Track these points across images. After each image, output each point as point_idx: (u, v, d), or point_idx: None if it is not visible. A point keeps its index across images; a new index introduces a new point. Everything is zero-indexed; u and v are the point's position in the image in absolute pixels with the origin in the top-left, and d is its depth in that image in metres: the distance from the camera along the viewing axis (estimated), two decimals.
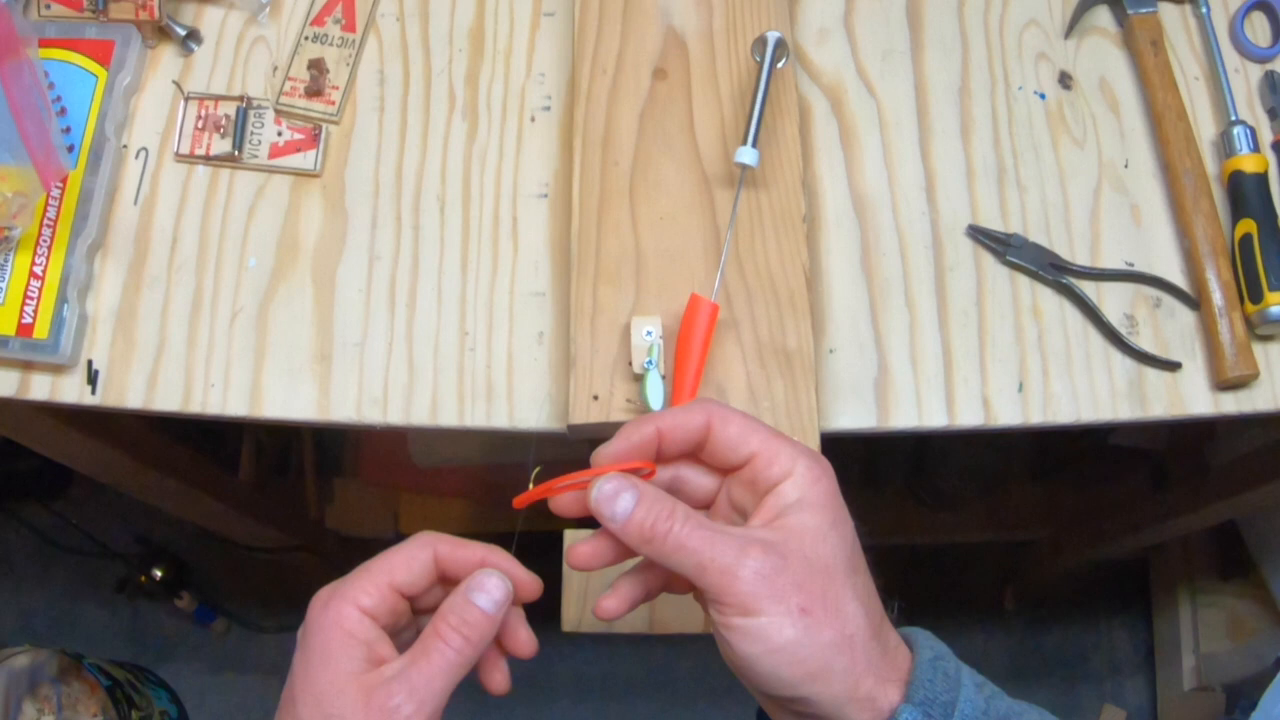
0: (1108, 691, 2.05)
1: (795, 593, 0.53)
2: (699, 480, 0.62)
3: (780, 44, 0.83)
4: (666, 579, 0.62)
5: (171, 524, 2.08)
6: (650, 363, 0.75)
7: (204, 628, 2.05)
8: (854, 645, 0.53)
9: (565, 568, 0.75)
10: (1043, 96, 0.94)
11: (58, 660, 1.82)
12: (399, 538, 0.61)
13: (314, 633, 0.57)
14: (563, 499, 0.60)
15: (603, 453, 0.59)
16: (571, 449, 0.78)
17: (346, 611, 0.57)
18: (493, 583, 0.58)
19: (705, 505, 0.62)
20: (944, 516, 1.95)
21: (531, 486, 0.61)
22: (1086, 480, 1.98)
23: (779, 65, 0.84)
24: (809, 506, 0.55)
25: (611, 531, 0.57)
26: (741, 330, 0.79)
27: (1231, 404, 0.85)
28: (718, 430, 0.58)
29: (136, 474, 1.29)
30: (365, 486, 1.91)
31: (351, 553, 1.99)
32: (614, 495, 0.56)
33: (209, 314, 0.86)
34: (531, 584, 0.61)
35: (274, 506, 1.76)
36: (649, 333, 0.77)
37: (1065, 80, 0.95)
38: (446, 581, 0.61)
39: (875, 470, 1.95)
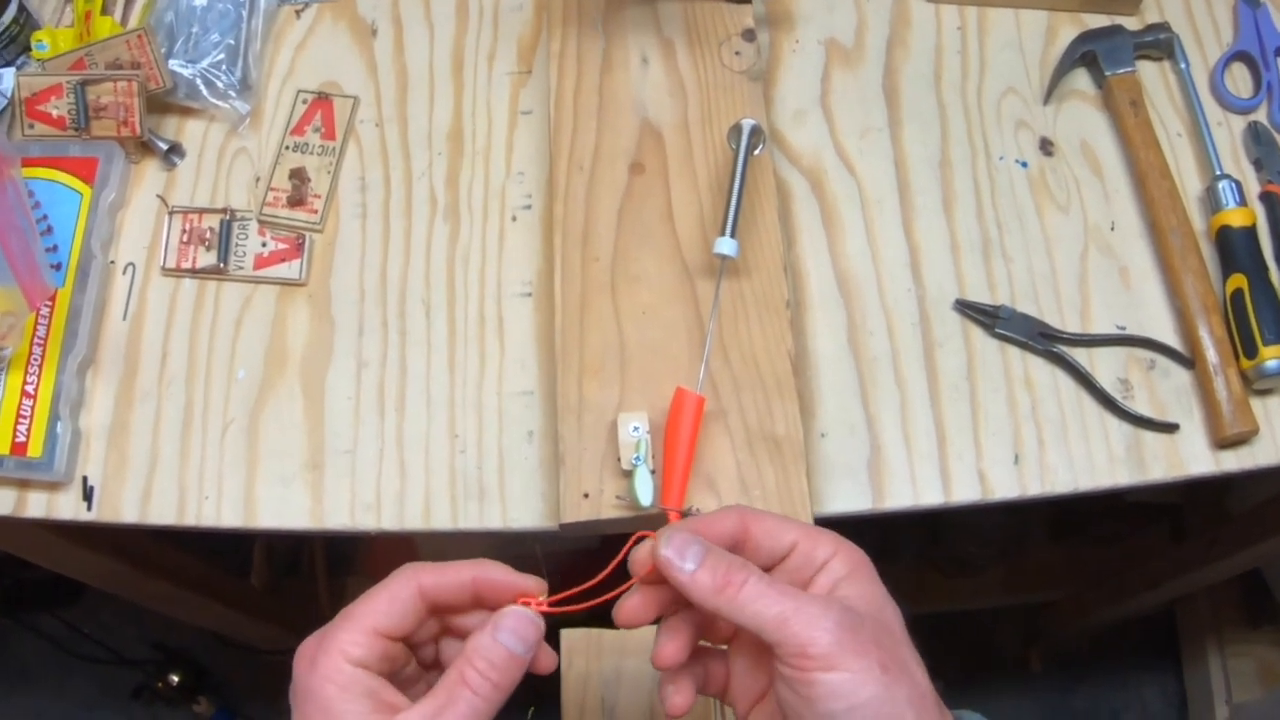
0: None
1: (876, 650, 0.51)
2: None
3: (755, 131, 0.83)
4: (700, 634, 0.59)
5: (187, 629, 2.06)
6: (638, 459, 0.74)
7: None
8: (926, 705, 0.51)
9: (563, 669, 0.74)
10: (1024, 165, 0.94)
11: None
12: None
13: (307, 696, 0.53)
14: (629, 604, 0.57)
15: (637, 558, 0.56)
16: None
17: (338, 666, 0.53)
18: (523, 623, 0.55)
19: None
20: (964, 582, 1.92)
21: (543, 598, 0.57)
22: (1106, 538, 1.96)
23: (755, 152, 0.84)
24: (863, 579, 0.54)
25: (679, 583, 0.53)
26: (730, 419, 0.78)
27: (1233, 461, 0.84)
28: (755, 526, 0.56)
29: (144, 584, 1.29)
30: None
31: None
32: (684, 546, 0.53)
33: (200, 426, 0.86)
34: (538, 590, 0.58)
35: (287, 608, 1.75)
36: (636, 428, 0.76)
37: (1046, 146, 0.95)
38: (439, 612, 0.58)
39: (891, 540, 1.93)
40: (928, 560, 1.93)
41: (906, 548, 1.93)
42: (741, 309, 0.82)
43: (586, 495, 0.76)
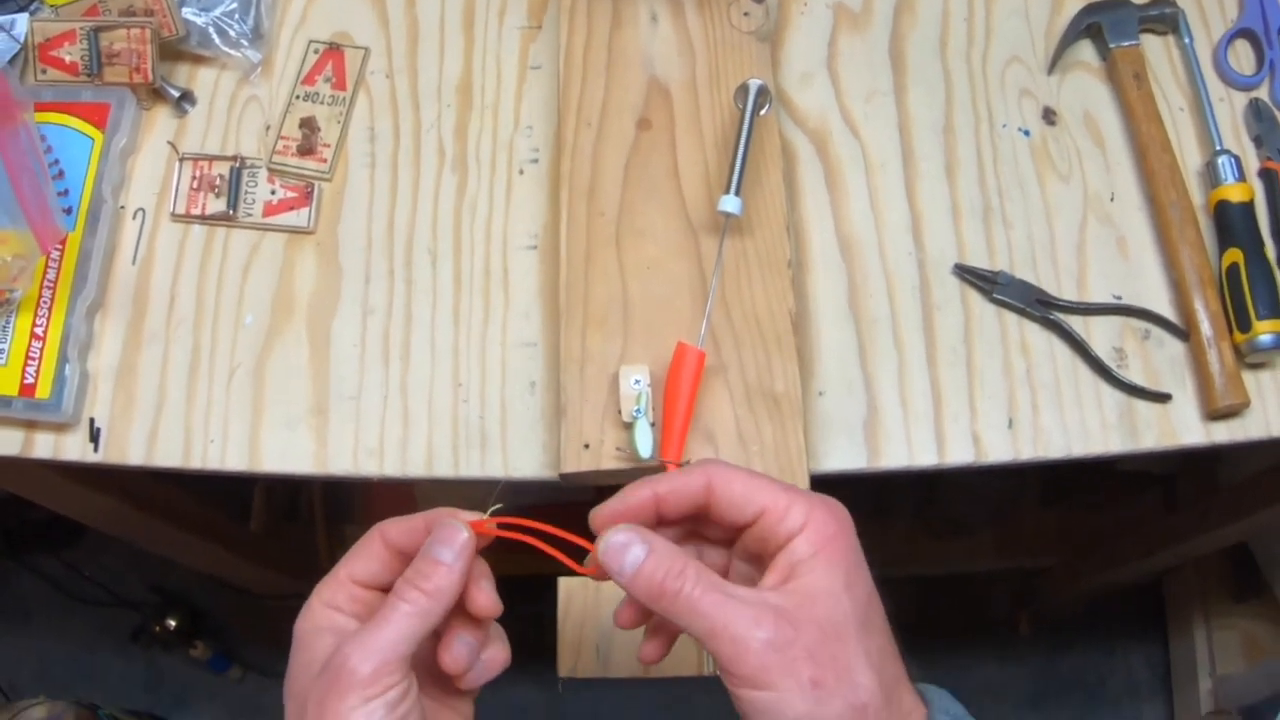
0: (1126, 716, 2.04)
1: (807, 664, 0.50)
2: (710, 551, 0.61)
3: (762, 91, 0.84)
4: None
5: (186, 573, 2.08)
6: (639, 411, 0.76)
7: (219, 675, 2.05)
8: (865, 716, 0.51)
9: (559, 616, 0.76)
10: (1027, 133, 0.94)
11: (73, 712, 1.82)
12: None
13: (293, 639, 0.57)
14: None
15: (599, 514, 0.57)
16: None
17: (312, 607, 0.57)
18: (448, 532, 0.56)
19: (720, 567, 0.60)
20: (956, 545, 1.94)
21: (486, 516, 0.58)
22: (1098, 505, 1.98)
23: (762, 112, 0.85)
24: (822, 564, 0.53)
25: (621, 586, 0.55)
26: (729, 375, 0.80)
27: (1224, 433, 0.86)
28: (721, 490, 0.55)
29: (145, 526, 1.31)
30: None
31: None
32: (624, 547, 0.54)
33: (207, 370, 0.87)
34: (488, 522, 0.59)
35: (285, 554, 1.77)
36: (637, 381, 0.77)
37: (1049, 116, 0.95)
38: (406, 558, 0.59)
39: (886, 501, 1.95)
40: (921, 521, 1.94)
41: (901, 507, 1.95)
42: (744, 267, 0.83)
43: (587, 446, 0.78)
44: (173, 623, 1.98)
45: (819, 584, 0.53)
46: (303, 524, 1.95)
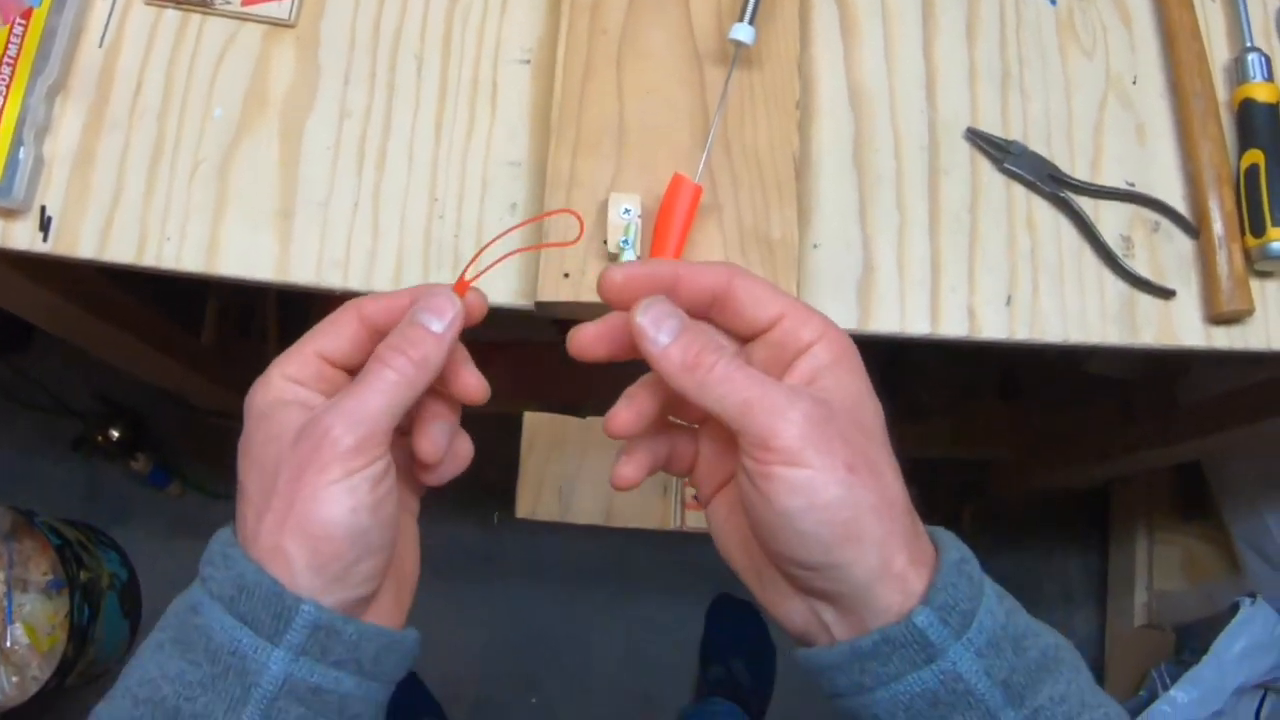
0: (1057, 619, 2.06)
1: (843, 448, 0.48)
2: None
3: None
4: (666, 409, 0.57)
5: (131, 385, 2.04)
6: (626, 242, 0.72)
7: (159, 491, 2.03)
8: (894, 513, 0.49)
9: (522, 452, 0.72)
10: (1053, 2, 0.90)
11: (9, 517, 1.80)
12: None
13: (246, 411, 0.53)
14: (587, 331, 0.54)
15: (612, 274, 0.53)
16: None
17: (272, 381, 0.53)
18: (439, 300, 0.53)
19: None
20: (910, 429, 1.93)
21: (465, 278, 0.55)
22: (1056, 404, 1.98)
23: None
24: (845, 370, 0.52)
25: (649, 354, 0.51)
26: (724, 215, 0.76)
27: (1223, 339, 0.83)
28: (742, 290, 0.52)
29: (92, 328, 1.26)
30: None
31: None
32: (660, 318, 0.51)
33: (169, 164, 0.82)
34: (478, 300, 0.56)
35: (235, 371, 1.73)
36: (627, 210, 0.73)
37: None
38: (380, 335, 0.55)
39: None
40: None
41: None
42: (749, 103, 0.78)
43: (567, 275, 0.74)
44: (115, 434, 1.95)
45: (846, 384, 0.51)
46: (255, 341, 1.91)
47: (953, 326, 0.80)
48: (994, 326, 0.81)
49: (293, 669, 0.48)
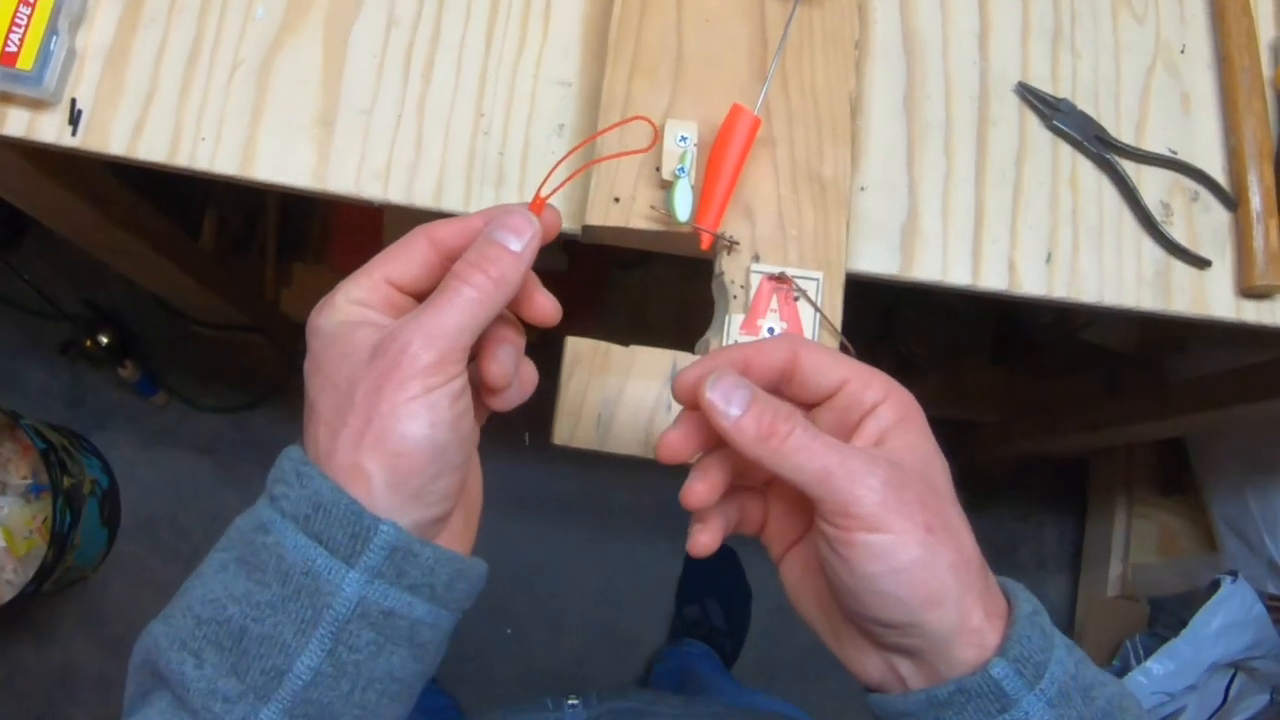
0: (1031, 585, 2.06)
1: (920, 510, 0.48)
2: None
3: None
4: (737, 475, 0.56)
5: (123, 291, 2.02)
6: (682, 170, 0.71)
7: (143, 399, 2.01)
8: (970, 570, 0.49)
9: (562, 377, 0.71)
10: None
11: None
12: None
13: (312, 333, 0.52)
14: (671, 437, 0.54)
15: (685, 373, 0.53)
16: None
17: (338, 304, 0.52)
18: (516, 219, 0.52)
19: None
20: (902, 383, 1.93)
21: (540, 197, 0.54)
22: (1045, 371, 1.98)
23: None
24: (912, 430, 0.51)
25: (722, 428, 0.50)
26: (778, 151, 0.75)
27: (1252, 313, 0.83)
28: (806, 361, 0.52)
29: (99, 229, 1.24)
30: (328, 273, 1.83)
31: (303, 341, 1.95)
32: (730, 390, 0.50)
33: (207, 63, 0.80)
34: (554, 217, 0.56)
35: (230, 282, 1.71)
36: (683, 138, 0.72)
37: None
38: (451, 260, 0.54)
39: (846, 326, 1.94)
40: (870, 353, 1.94)
41: (856, 337, 1.94)
42: (808, 40, 0.77)
43: (617, 200, 0.72)
44: (104, 340, 1.93)
45: (914, 444, 0.51)
46: (253, 255, 1.89)
47: (993, 279, 0.80)
48: (1033, 282, 0.80)
49: (367, 591, 0.47)
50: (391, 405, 0.47)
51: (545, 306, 0.55)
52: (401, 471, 0.48)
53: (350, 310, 0.51)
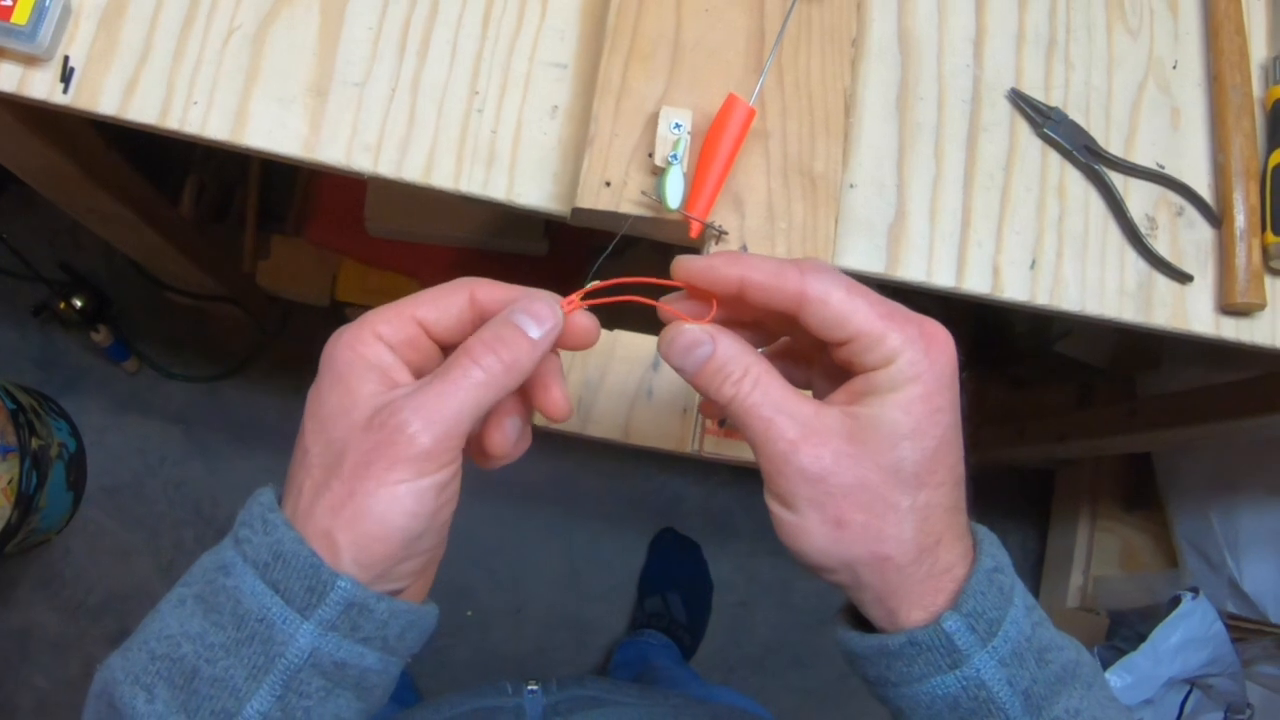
0: None
1: (840, 500, 0.48)
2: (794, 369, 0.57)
3: None
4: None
5: (99, 255, 2.01)
6: (675, 156, 0.71)
7: (115, 365, 2.00)
8: (885, 568, 0.49)
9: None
10: None
11: None
12: (333, 305, 0.54)
13: (326, 362, 0.50)
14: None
15: (683, 261, 0.52)
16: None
17: (361, 336, 0.50)
18: (540, 307, 0.51)
19: (800, 380, 0.57)
20: None
21: (578, 298, 0.53)
22: (1019, 380, 1.99)
23: None
24: (897, 405, 0.48)
25: (683, 378, 0.52)
26: (771, 143, 0.75)
27: (1231, 330, 0.84)
28: (814, 303, 0.49)
29: (81, 190, 1.23)
30: (306, 247, 1.82)
31: (276, 312, 1.94)
32: (689, 346, 0.51)
33: (203, 27, 0.80)
34: (586, 322, 0.54)
35: (207, 251, 1.69)
36: (678, 125, 0.72)
37: None
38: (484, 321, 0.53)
39: None
40: None
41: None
42: (805, 35, 0.77)
43: (608, 184, 0.72)
44: (78, 303, 1.91)
45: (883, 420, 0.49)
46: (231, 225, 1.88)
47: (977, 282, 0.80)
48: (1016, 287, 0.81)
49: (320, 643, 0.47)
50: (376, 485, 0.47)
51: (559, 402, 0.54)
52: (372, 554, 0.47)
53: (370, 346, 0.50)
